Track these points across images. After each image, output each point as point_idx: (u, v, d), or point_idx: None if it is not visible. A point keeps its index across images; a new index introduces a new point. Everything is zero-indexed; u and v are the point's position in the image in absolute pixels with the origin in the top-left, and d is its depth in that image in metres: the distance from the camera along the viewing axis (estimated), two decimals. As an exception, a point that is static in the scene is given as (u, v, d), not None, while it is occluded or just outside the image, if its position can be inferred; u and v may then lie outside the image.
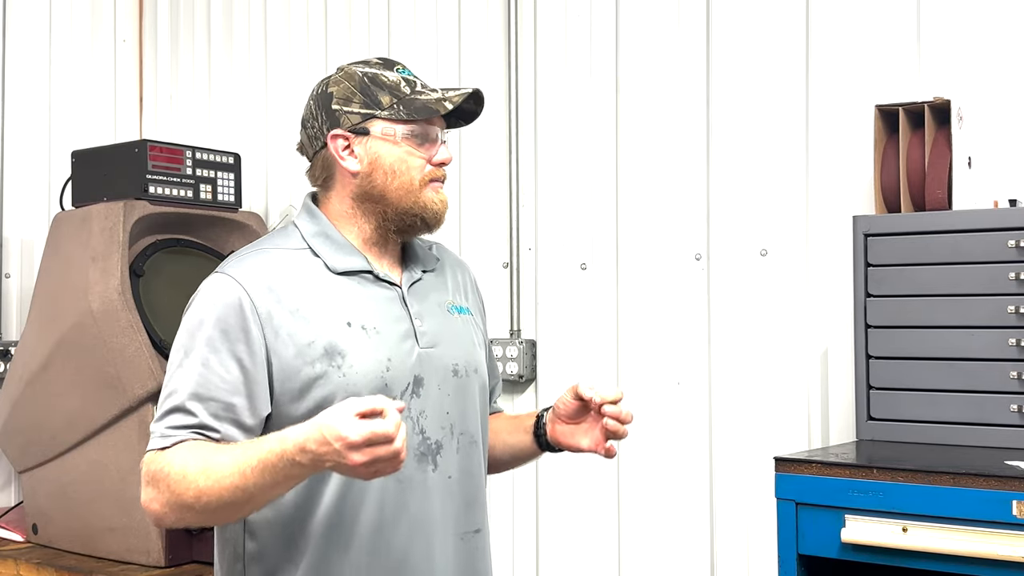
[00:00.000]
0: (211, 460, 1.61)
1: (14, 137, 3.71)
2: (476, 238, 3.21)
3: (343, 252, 1.80)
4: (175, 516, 1.65)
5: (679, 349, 2.88)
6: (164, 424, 1.69)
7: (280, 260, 1.78)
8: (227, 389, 1.69)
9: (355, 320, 1.75)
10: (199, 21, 3.90)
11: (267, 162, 3.68)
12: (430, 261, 1.92)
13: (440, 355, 1.82)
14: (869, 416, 2.34)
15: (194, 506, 1.61)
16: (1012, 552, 1.88)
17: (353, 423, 1.48)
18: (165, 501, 1.64)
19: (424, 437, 1.78)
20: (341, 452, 1.48)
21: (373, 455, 1.48)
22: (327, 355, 1.71)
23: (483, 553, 1.89)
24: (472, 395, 1.87)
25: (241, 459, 1.57)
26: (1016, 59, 2.47)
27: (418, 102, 1.78)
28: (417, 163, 1.79)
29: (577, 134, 3.06)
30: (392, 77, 1.81)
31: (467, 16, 3.27)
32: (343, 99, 1.80)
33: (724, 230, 2.83)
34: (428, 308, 1.84)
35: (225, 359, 1.69)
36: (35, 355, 3.13)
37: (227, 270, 1.76)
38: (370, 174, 1.79)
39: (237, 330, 1.70)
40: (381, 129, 1.78)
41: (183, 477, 1.61)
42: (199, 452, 1.64)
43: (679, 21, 2.91)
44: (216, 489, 1.59)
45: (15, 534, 3.27)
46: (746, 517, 2.77)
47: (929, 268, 2.28)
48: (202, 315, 1.72)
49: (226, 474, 1.58)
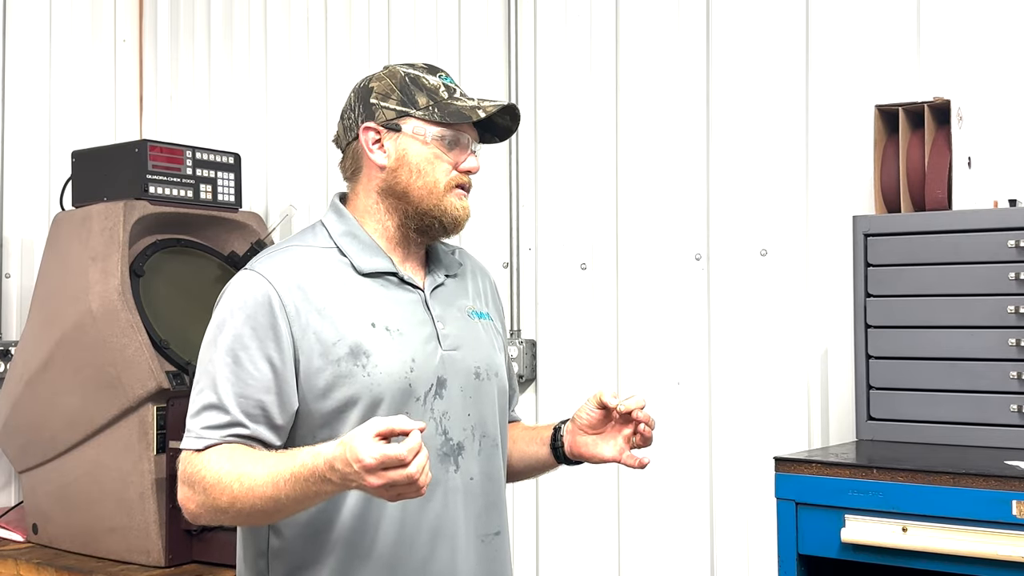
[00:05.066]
0: (247, 468, 1.63)
1: (14, 137, 3.71)
2: (476, 238, 3.20)
3: (369, 253, 1.81)
4: (209, 517, 1.69)
5: (679, 349, 2.88)
6: (199, 423, 1.71)
7: (308, 258, 1.79)
8: (259, 387, 1.70)
9: (380, 321, 1.76)
10: (199, 21, 3.89)
11: (267, 162, 3.68)
12: (453, 266, 1.93)
13: (462, 358, 1.83)
14: (869, 416, 2.34)
15: (228, 511, 1.65)
16: (1012, 552, 1.88)
17: (369, 445, 1.49)
18: (200, 503, 1.68)
19: (447, 438, 1.79)
20: (360, 474, 1.50)
21: (388, 479, 1.49)
22: (352, 355, 1.72)
23: (503, 556, 1.90)
24: (493, 398, 1.88)
25: (275, 470, 1.60)
26: (1016, 59, 2.47)
27: (453, 107, 1.80)
28: (444, 167, 1.80)
29: (577, 134, 3.06)
30: (433, 81, 1.83)
31: (467, 16, 3.27)
32: (382, 94, 1.82)
33: (724, 230, 2.83)
34: (450, 312, 1.86)
35: (256, 357, 1.70)
36: (35, 355, 3.13)
37: (256, 267, 1.77)
38: (396, 170, 1.80)
39: (267, 328, 1.71)
40: (413, 128, 1.80)
41: (219, 482, 1.64)
42: (235, 458, 1.66)
43: (679, 21, 2.91)
44: (250, 497, 1.62)
45: (15, 534, 3.27)
46: (746, 517, 2.77)
47: (929, 268, 2.28)
48: (232, 312, 1.73)
49: (260, 483, 1.61)
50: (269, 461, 1.63)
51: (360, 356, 1.73)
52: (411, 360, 1.76)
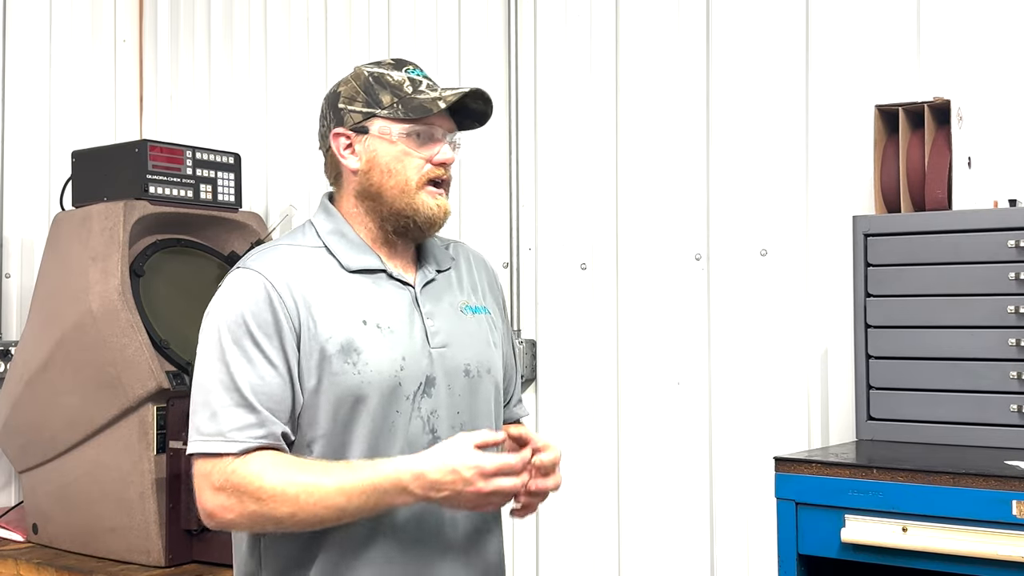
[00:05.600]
0: (313, 479, 1.64)
1: (14, 137, 3.71)
2: (476, 238, 3.20)
3: (357, 251, 1.81)
4: (250, 525, 1.69)
5: (679, 349, 2.88)
6: (226, 424, 1.67)
7: (297, 257, 1.79)
8: (275, 384, 1.70)
9: (370, 318, 1.76)
10: (199, 21, 3.89)
11: (267, 162, 3.68)
12: (445, 261, 1.92)
13: (452, 355, 1.82)
14: (869, 416, 2.34)
15: (284, 521, 1.65)
16: (1012, 552, 1.88)
17: (480, 454, 1.62)
18: (246, 512, 1.65)
19: (435, 437, 1.78)
20: (471, 480, 1.61)
21: (499, 487, 1.62)
22: (343, 352, 1.72)
23: (496, 550, 1.90)
24: (484, 395, 1.87)
25: (346, 481, 1.63)
26: (1016, 59, 2.47)
27: (416, 101, 1.79)
28: (415, 163, 1.79)
29: (577, 134, 3.06)
30: (397, 77, 1.82)
31: (467, 16, 3.27)
32: (348, 98, 1.83)
33: (724, 230, 2.83)
34: (441, 308, 1.85)
35: (269, 353, 1.70)
36: (35, 355, 3.13)
37: (250, 265, 1.77)
38: (368, 172, 1.80)
39: (271, 324, 1.71)
40: (379, 128, 1.80)
41: (282, 492, 1.63)
42: (295, 468, 1.66)
43: (679, 21, 2.91)
44: (315, 508, 1.63)
45: (15, 534, 3.27)
46: (746, 517, 2.77)
47: (929, 268, 2.28)
48: (235, 310, 1.72)
49: (329, 493, 1.62)
50: (338, 472, 1.65)
51: (351, 353, 1.72)
52: (401, 358, 1.76)
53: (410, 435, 1.75)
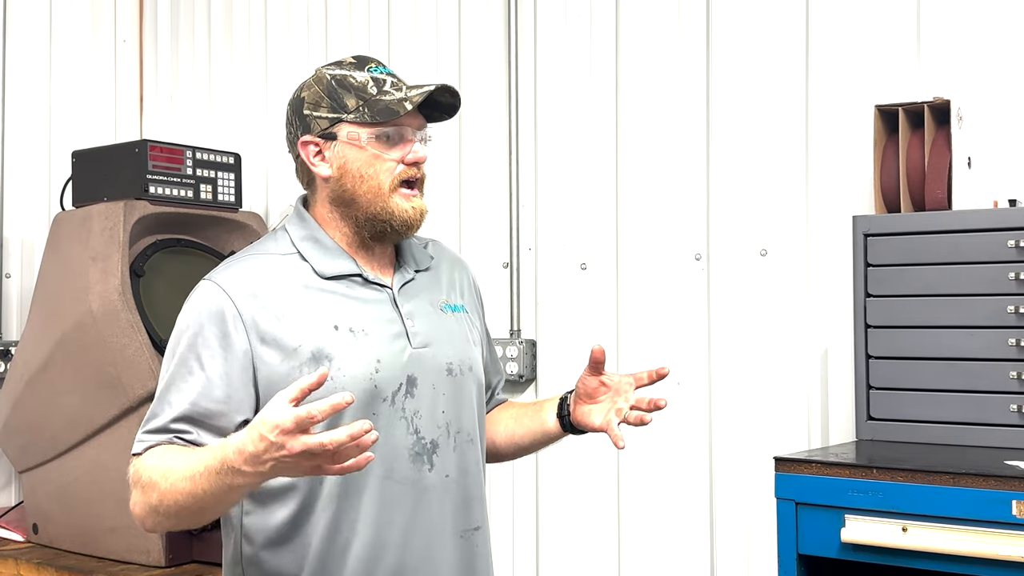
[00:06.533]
0: (170, 464, 1.63)
1: (14, 137, 3.71)
2: (476, 238, 3.20)
3: (331, 256, 1.80)
4: (152, 520, 1.68)
5: (679, 349, 2.88)
6: (143, 428, 1.73)
7: (267, 266, 1.78)
8: (208, 396, 1.70)
9: (342, 323, 1.75)
10: (199, 21, 3.90)
11: (267, 162, 3.68)
12: (424, 260, 1.91)
13: (433, 354, 1.81)
14: (869, 416, 2.34)
15: (158, 509, 1.64)
16: (1012, 552, 1.88)
17: (284, 409, 1.44)
18: (137, 502, 1.68)
19: (419, 437, 1.77)
20: (279, 443, 1.43)
21: (307, 445, 1.42)
22: (314, 359, 1.71)
23: (483, 551, 1.89)
24: (468, 393, 1.86)
25: (192, 464, 1.58)
26: (1016, 59, 2.47)
27: (382, 104, 1.76)
28: (386, 166, 1.77)
29: (577, 134, 3.06)
30: (360, 78, 1.79)
31: (467, 16, 3.27)
32: (312, 104, 1.80)
33: (724, 230, 2.83)
34: (420, 308, 1.84)
35: (208, 365, 1.70)
36: (35, 355, 3.13)
37: (214, 277, 1.77)
38: (340, 179, 1.78)
39: (219, 337, 1.71)
40: (347, 133, 1.77)
41: (149, 480, 1.64)
42: (165, 456, 1.66)
43: (679, 21, 2.91)
44: (172, 493, 1.61)
45: (15, 534, 3.27)
46: (746, 517, 2.77)
47: (929, 268, 2.28)
48: (188, 322, 1.75)
49: (180, 478, 1.59)
50: (190, 457, 1.61)
51: (323, 360, 1.71)
52: (376, 361, 1.74)
53: (393, 437, 1.74)
